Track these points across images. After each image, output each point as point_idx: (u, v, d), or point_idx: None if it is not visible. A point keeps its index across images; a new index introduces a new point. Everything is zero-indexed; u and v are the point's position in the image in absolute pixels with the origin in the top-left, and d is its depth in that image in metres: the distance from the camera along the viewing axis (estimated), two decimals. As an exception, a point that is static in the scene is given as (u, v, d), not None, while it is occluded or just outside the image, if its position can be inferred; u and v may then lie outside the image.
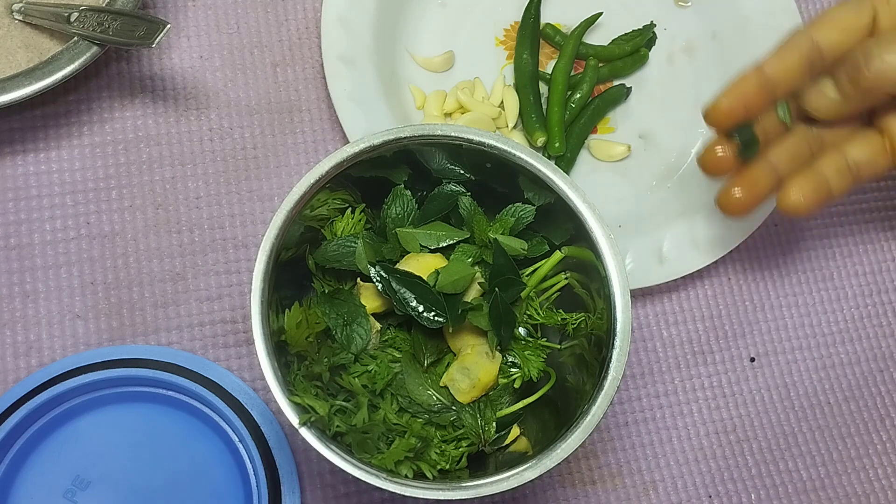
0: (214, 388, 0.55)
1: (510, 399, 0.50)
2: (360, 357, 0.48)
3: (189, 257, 0.60)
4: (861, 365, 0.65)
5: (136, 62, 0.64)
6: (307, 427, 0.42)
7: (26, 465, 0.54)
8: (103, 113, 0.62)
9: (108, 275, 0.59)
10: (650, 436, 0.61)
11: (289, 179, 0.63)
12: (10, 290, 0.58)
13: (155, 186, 0.61)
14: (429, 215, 0.50)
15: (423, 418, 0.47)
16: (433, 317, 0.46)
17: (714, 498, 0.61)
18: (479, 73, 0.67)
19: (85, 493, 0.54)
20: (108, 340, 0.58)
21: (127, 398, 0.56)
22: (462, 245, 0.49)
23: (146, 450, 0.55)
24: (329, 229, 0.50)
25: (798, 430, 0.63)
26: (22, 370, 0.57)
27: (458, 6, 0.68)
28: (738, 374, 0.63)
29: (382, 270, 0.47)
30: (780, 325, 0.65)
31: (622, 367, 0.44)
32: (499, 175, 0.49)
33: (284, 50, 0.66)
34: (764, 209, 0.62)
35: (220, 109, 0.64)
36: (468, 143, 0.47)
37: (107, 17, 0.56)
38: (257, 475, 0.54)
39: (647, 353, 0.63)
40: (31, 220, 0.59)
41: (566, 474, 0.60)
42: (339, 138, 0.64)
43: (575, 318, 0.50)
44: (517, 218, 0.49)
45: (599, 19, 0.68)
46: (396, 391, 0.48)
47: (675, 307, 0.64)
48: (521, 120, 0.66)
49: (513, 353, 0.50)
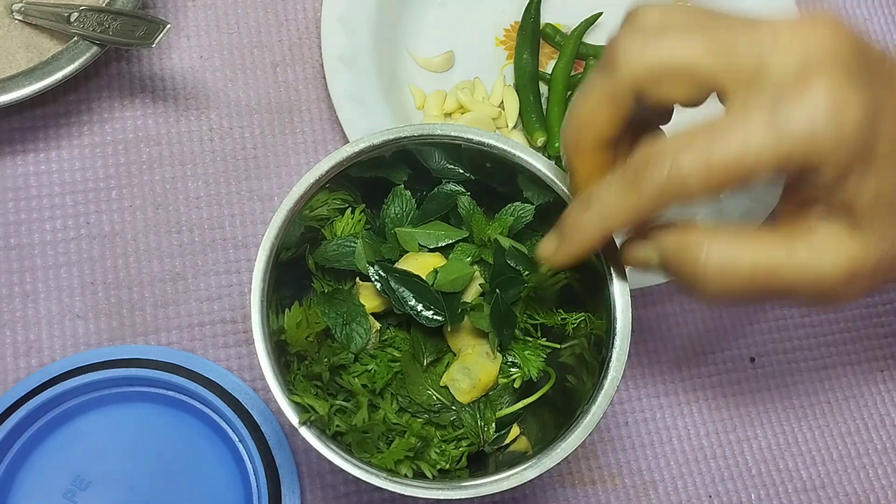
0: (214, 388, 0.55)
1: (510, 399, 0.50)
2: (359, 356, 0.48)
3: (189, 257, 0.60)
4: (861, 365, 0.65)
5: (136, 62, 0.64)
6: (307, 426, 0.42)
7: (26, 465, 0.54)
8: (103, 113, 0.62)
9: (108, 275, 0.59)
10: (650, 436, 0.61)
11: (289, 179, 0.63)
12: (10, 290, 0.58)
13: (155, 186, 0.61)
14: (428, 215, 0.50)
15: (423, 418, 0.47)
16: (432, 315, 0.46)
17: (714, 498, 0.61)
18: (479, 73, 0.67)
19: (85, 493, 0.54)
20: (108, 340, 0.58)
21: (127, 398, 0.56)
22: (461, 244, 0.49)
23: (146, 450, 0.55)
24: (329, 229, 0.50)
25: (798, 430, 0.63)
26: (22, 370, 0.57)
27: (458, 6, 0.68)
28: (738, 374, 0.63)
29: (381, 269, 0.47)
30: (780, 325, 0.65)
31: (622, 366, 0.44)
32: (498, 175, 0.49)
33: (284, 50, 0.66)
34: (764, 209, 0.62)
35: (220, 109, 0.64)
36: (468, 143, 0.47)
37: (107, 17, 0.56)
38: (257, 475, 0.54)
39: (647, 354, 0.63)
40: (31, 220, 0.59)
41: (566, 474, 0.60)
42: (339, 138, 0.64)
43: (575, 318, 0.49)
44: (516, 217, 0.49)
45: (599, 19, 0.68)
46: (396, 391, 0.48)
47: (675, 307, 0.64)
48: (521, 120, 0.66)
49: (513, 352, 0.50)
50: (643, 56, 0.38)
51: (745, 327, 0.65)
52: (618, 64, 0.39)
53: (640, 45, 0.38)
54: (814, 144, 0.35)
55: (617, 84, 0.39)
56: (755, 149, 0.35)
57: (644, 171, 0.37)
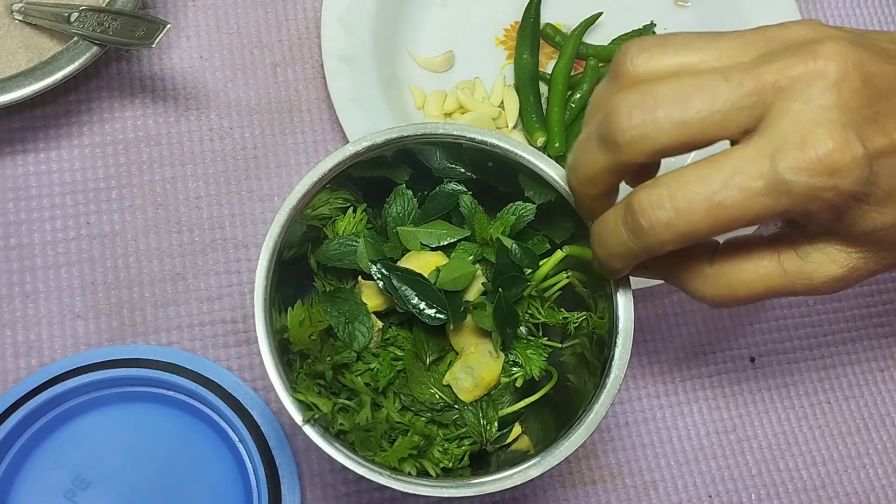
0: (214, 388, 0.55)
1: (512, 398, 0.50)
2: (362, 355, 0.48)
3: (189, 257, 0.60)
4: (861, 365, 0.65)
5: (136, 62, 0.64)
6: (310, 425, 0.42)
7: (26, 465, 0.54)
8: (103, 113, 0.62)
9: (108, 275, 0.59)
10: (650, 436, 0.61)
11: (289, 179, 0.63)
12: (10, 290, 0.58)
13: (155, 186, 0.61)
14: (429, 214, 0.50)
15: (426, 417, 0.47)
16: (434, 314, 0.46)
17: (714, 498, 0.61)
18: (479, 73, 0.67)
19: (85, 493, 0.54)
20: (108, 340, 0.58)
21: (127, 398, 0.56)
22: (463, 243, 0.49)
23: (146, 450, 0.55)
24: (331, 228, 0.50)
25: (798, 430, 0.63)
26: (22, 370, 0.57)
27: (458, 6, 0.68)
28: (738, 374, 0.64)
29: (383, 268, 0.47)
30: (780, 325, 0.65)
31: (625, 365, 0.44)
32: (500, 174, 0.49)
33: (284, 50, 0.66)
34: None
35: (220, 109, 0.64)
36: (470, 142, 0.47)
37: (107, 17, 0.56)
38: (257, 475, 0.54)
39: (648, 354, 0.63)
40: (31, 220, 0.59)
41: (566, 474, 0.60)
42: (339, 138, 0.64)
43: (576, 318, 0.49)
44: (518, 216, 0.49)
45: (599, 19, 0.68)
46: (399, 389, 0.48)
47: (675, 307, 0.64)
48: (521, 120, 0.66)
49: (514, 351, 0.49)
50: (644, 140, 0.37)
51: (745, 327, 0.65)
52: (618, 143, 0.38)
53: (640, 127, 0.37)
54: (811, 200, 0.36)
55: (618, 161, 0.39)
56: (754, 203, 0.36)
57: (642, 218, 0.38)
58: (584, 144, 0.40)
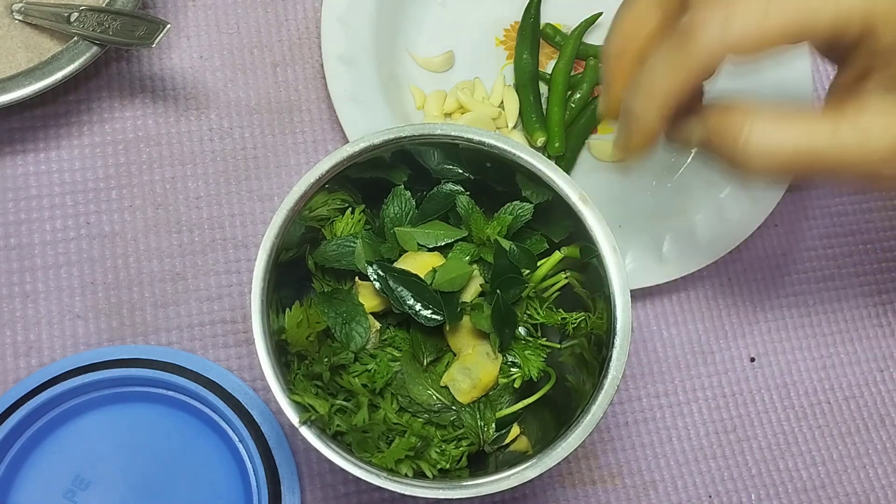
0: (214, 388, 0.55)
1: (510, 399, 0.50)
2: (359, 356, 0.48)
3: (189, 257, 0.60)
4: (861, 365, 0.65)
5: (136, 62, 0.64)
6: (307, 426, 0.42)
7: (26, 465, 0.54)
8: (103, 113, 0.62)
9: (108, 275, 0.59)
10: (650, 436, 0.61)
11: (289, 179, 0.63)
12: (10, 290, 0.58)
13: (155, 186, 0.61)
14: (427, 215, 0.50)
15: (423, 418, 0.48)
16: (430, 314, 0.46)
17: (714, 498, 0.61)
18: (479, 73, 0.67)
19: (85, 493, 0.54)
20: (108, 340, 0.58)
21: (127, 398, 0.56)
22: (460, 244, 0.49)
23: (146, 450, 0.55)
24: (329, 229, 0.50)
25: (798, 430, 0.63)
26: (22, 370, 0.57)
27: (458, 6, 0.68)
28: (738, 374, 0.63)
29: (379, 268, 0.47)
30: (780, 325, 0.65)
31: (622, 366, 0.44)
32: (498, 174, 0.49)
33: (284, 50, 0.66)
34: (764, 209, 0.62)
35: (220, 109, 0.64)
36: (467, 143, 0.47)
37: (107, 17, 0.56)
38: (257, 475, 0.54)
39: (647, 353, 0.63)
40: (31, 220, 0.59)
41: (566, 474, 0.60)
42: (339, 138, 0.64)
43: (575, 318, 0.50)
44: (515, 216, 0.49)
45: (599, 19, 0.68)
46: (396, 390, 0.48)
47: (675, 307, 0.64)
48: (521, 120, 0.66)
49: (513, 352, 0.50)
50: (724, 40, 0.36)
51: (745, 327, 0.65)
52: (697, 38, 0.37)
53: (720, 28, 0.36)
54: (873, 4, 0.34)
55: (692, 59, 0.38)
56: (814, 7, 0.34)
57: (695, 31, 0.36)
58: (652, 71, 0.39)
